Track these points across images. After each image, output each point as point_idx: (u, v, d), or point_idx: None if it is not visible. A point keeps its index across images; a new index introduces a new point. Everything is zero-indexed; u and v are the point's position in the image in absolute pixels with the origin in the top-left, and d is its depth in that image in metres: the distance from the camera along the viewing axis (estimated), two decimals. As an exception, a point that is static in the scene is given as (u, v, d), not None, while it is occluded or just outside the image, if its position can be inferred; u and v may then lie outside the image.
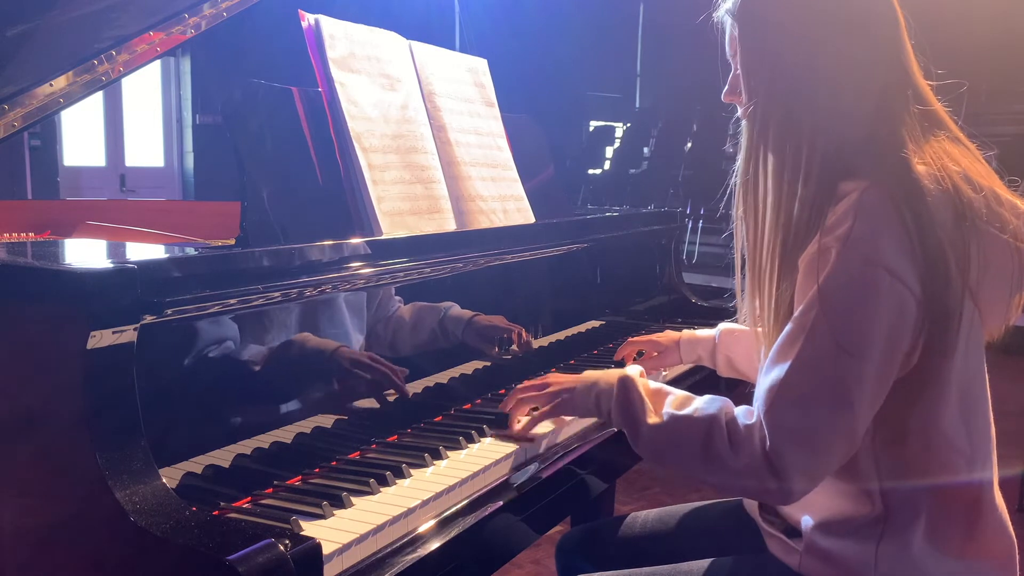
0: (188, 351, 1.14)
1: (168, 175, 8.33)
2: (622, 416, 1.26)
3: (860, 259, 1.09)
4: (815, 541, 1.23)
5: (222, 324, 1.18)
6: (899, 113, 1.19)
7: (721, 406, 1.19)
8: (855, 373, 1.09)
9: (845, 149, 1.18)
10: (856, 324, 1.09)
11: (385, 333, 1.48)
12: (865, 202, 1.11)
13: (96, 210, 2.32)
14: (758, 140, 1.23)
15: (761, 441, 1.11)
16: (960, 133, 1.23)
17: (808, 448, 1.10)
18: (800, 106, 1.19)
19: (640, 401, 1.25)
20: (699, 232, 7.77)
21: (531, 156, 2.14)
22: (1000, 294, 1.20)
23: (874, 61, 1.20)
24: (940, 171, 1.14)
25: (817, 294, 1.10)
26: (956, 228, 1.12)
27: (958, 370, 1.15)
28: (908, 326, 1.10)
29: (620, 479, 2.30)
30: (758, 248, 1.25)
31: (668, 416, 1.22)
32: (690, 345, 1.78)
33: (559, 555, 1.65)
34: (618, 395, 1.28)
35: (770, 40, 1.23)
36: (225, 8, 1.90)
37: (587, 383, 1.35)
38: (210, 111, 7.91)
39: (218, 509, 1.11)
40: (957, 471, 1.18)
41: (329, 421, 1.33)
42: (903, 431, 1.16)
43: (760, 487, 1.13)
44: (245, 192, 1.38)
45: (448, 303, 1.61)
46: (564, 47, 9.98)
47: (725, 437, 1.15)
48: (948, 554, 1.18)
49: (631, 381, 1.28)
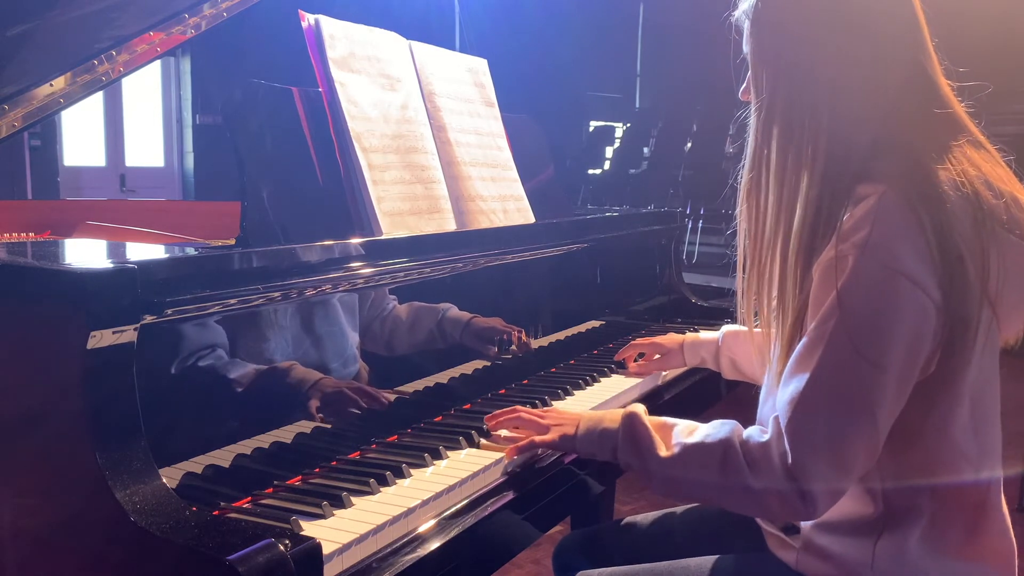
0: (188, 351, 1.14)
1: (168, 175, 8.32)
2: (630, 455, 1.23)
3: (878, 266, 1.07)
4: (813, 539, 1.23)
5: (222, 324, 1.18)
6: (916, 116, 1.18)
7: (732, 428, 1.18)
8: (876, 382, 1.07)
9: (857, 151, 1.16)
10: (876, 332, 1.07)
11: (381, 332, 1.48)
12: (883, 207, 1.09)
13: (96, 210, 2.32)
14: (763, 140, 1.23)
15: (781, 457, 1.10)
16: (981, 136, 1.21)
17: (832, 459, 1.08)
18: (803, 106, 1.18)
19: (648, 435, 1.23)
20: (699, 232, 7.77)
21: (531, 156, 2.14)
22: (1018, 301, 1.17)
23: (884, 63, 1.18)
24: (960, 176, 1.12)
25: (836, 303, 1.09)
26: (975, 234, 1.10)
27: (972, 377, 1.14)
28: (928, 333, 1.09)
29: (620, 479, 2.30)
30: (758, 249, 1.24)
31: (679, 446, 1.19)
32: (694, 348, 1.78)
33: (557, 559, 1.64)
34: (624, 432, 1.25)
35: (773, 39, 1.22)
36: (225, 8, 1.90)
37: (590, 423, 1.31)
38: (210, 111, 7.90)
39: (218, 509, 1.11)
40: (963, 476, 1.17)
41: (329, 421, 1.33)
42: (915, 436, 1.15)
43: (784, 504, 1.11)
44: (245, 192, 1.38)
45: (446, 304, 1.61)
46: (564, 47, 9.97)
47: (741, 458, 1.13)
48: (946, 554, 1.18)
49: (636, 417, 1.26)
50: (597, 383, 1.80)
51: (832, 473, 1.09)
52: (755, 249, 1.25)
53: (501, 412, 1.44)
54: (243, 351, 1.21)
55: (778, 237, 1.20)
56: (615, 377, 1.85)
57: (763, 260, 1.23)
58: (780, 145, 1.20)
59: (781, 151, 1.20)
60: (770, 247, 1.21)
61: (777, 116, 1.21)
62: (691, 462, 1.17)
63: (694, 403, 1.89)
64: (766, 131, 1.22)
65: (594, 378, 1.81)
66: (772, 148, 1.21)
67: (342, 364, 1.39)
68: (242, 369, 1.21)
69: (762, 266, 1.23)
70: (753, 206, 1.25)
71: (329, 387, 1.32)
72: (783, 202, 1.19)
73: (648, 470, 1.22)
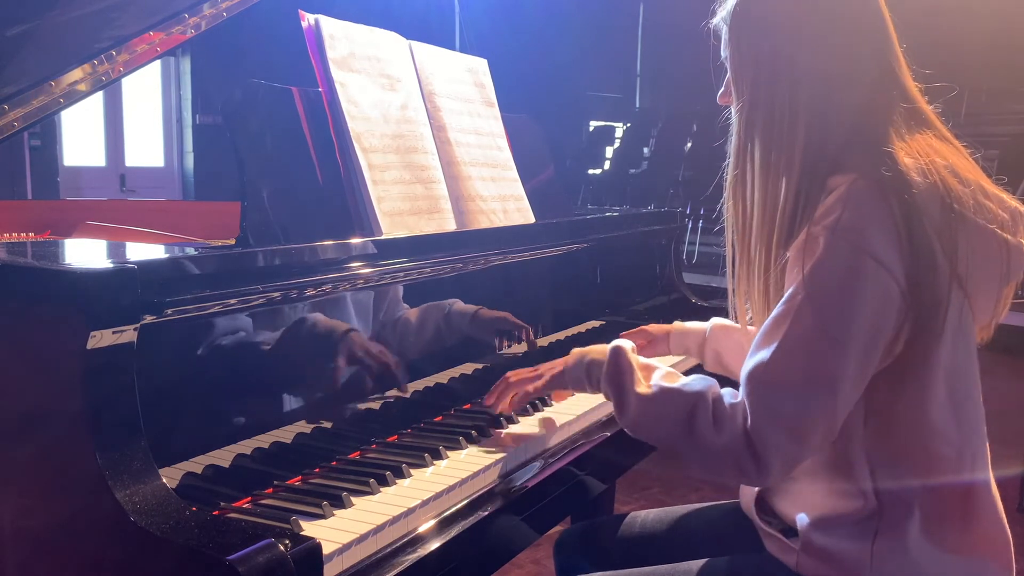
0: (188, 351, 1.14)
1: (168, 175, 8.33)
2: (611, 384, 1.30)
3: (847, 246, 1.12)
4: (812, 540, 1.24)
5: (222, 324, 1.18)
6: (886, 112, 1.23)
7: (709, 384, 1.22)
8: (839, 357, 1.11)
9: (831, 146, 1.22)
10: (841, 309, 1.11)
11: (392, 337, 1.48)
12: (853, 192, 1.14)
13: (96, 210, 2.32)
14: (746, 138, 1.28)
15: (744, 421, 1.14)
16: (947, 133, 1.27)
17: (789, 430, 1.12)
18: (782, 104, 1.23)
19: (630, 370, 1.28)
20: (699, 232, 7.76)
21: (531, 156, 2.14)
22: (989, 285, 1.23)
23: (858, 64, 1.24)
24: (927, 165, 1.17)
25: (803, 279, 1.13)
26: (943, 219, 1.15)
27: (946, 359, 1.17)
28: (891, 313, 1.12)
29: (620, 479, 2.30)
30: (746, 243, 1.28)
31: (656, 388, 1.25)
32: (680, 337, 1.77)
33: (557, 553, 1.66)
34: (609, 364, 1.31)
35: (752, 43, 1.27)
36: (225, 8, 1.90)
37: (578, 354, 1.39)
38: (210, 111, 7.91)
39: (218, 509, 1.11)
40: (948, 464, 1.20)
41: (329, 421, 1.33)
42: (892, 421, 1.18)
43: (738, 467, 1.15)
44: (245, 192, 1.38)
45: (452, 299, 1.61)
46: (564, 47, 9.97)
47: (710, 414, 1.17)
48: (944, 549, 1.19)
49: (622, 351, 1.32)
50: (597, 383, 1.79)
51: (788, 443, 1.12)
52: (743, 244, 1.30)
53: (495, 388, 1.49)
54: (244, 351, 1.21)
55: (763, 230, 1.25)
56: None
57: (751, 254, 1.27)
58: (762, 142, 1.26)
59: (763, 148, 1.25)
60: (758, 241, 1.26)
61: (759, 115, 1.26)
62: (664, 405, 1.23)
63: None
64: (748, 130, 1.27)
65: (594, 378, 1.81)
66: (755, 145, 1.27)
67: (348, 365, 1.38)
68: (243, 368, 1.21)
69: (751, 261, 1.28)
70: (739, 202, 1.30)
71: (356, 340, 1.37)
72: (767, 197, 1.24)
73: (623, 403, 1.27)
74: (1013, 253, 1.22)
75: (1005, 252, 1.21)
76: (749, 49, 1.27)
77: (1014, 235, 1.22)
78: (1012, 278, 1.25)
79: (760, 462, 1.12)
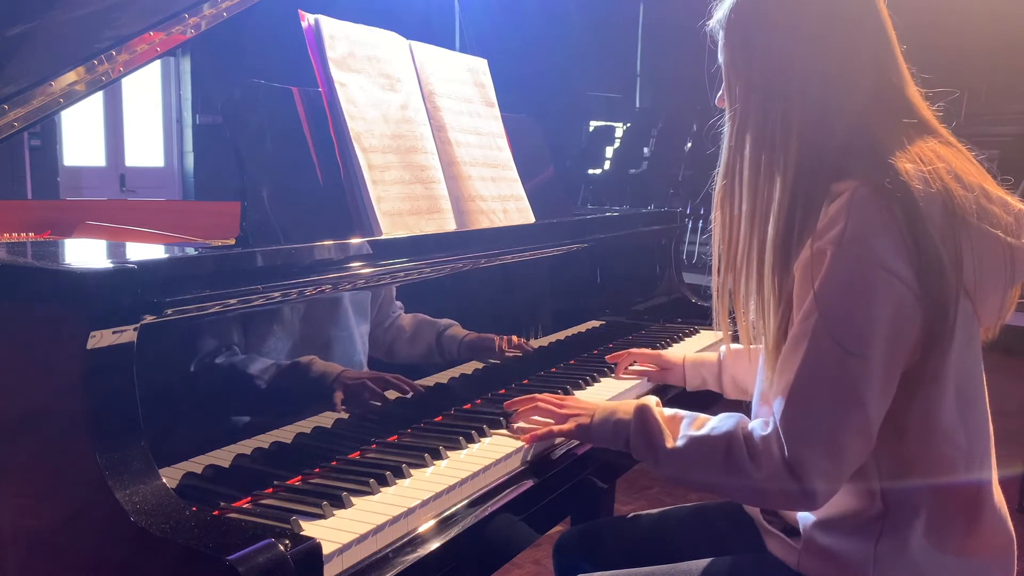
0: (188, 351, 1.14)
1: (168, 175, 8.32)
2: (642, 444, 1.27)
3: (855, 260, 1.10)
4: (814, 539, 1.24)
5: (222, 324, 1.18)
6: (885, 115, 1.21)
7: (737, 421, 1.21)
8: (861, 372, 1.10)
9: (830, 149, 1.19)
10: (856, 324, 1.10)
11: (384, 338, 1.48)
12: (855, 202, 1.12)
13: (96, 210, 2.32)
14: (736, 147, 1.26)
15: (780, 449, 1.12)
16: (951, 137, 1.24)
17: (825, 450, 1.11)
18: (775, 114, 1.21)
19: (658, 428, 1.26)
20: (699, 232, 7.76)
21: (531, 156, 2.14)
22: (994, 289, 1.22)
23: (856, 66, 1.21)
24: (929, 171, 1.15)
25: (815, 298, 1.11)
26: (947, 225, 1.13)
27: (954, 365, 1.16)
28: (909, 320, 1.11)
29: (620, 479, 2.30)
30: (733, 254, 1.27)
31: (687, 439, 1.23)
32: (695, 368, 1.78)
33: (557, 553, 1.66)
34: (636, 424, 1.29)
35: (746, 48, 1.25)
36: (225, 8, 1.90)
37: (605, 413, 1.35)
38: (210, 111, 7.90)
39: (218, 509, 1.11)
40: (955, 467, 1.19)
41: (329, 421, 1.33)
42: (902, 427, 1.17)
43: (784, 495, 1.14)
44: (245, 192, 1.38)
45: (448, 321, 1.61)
46: (564, 47, 9.97)
47: (744, 452, 1.16)
48: (947, 551, 1.18)
49: (647, 409, 1.30)
50: (597, 383, 1.80)
51: (828, 464, 1.11)
52: (729, 256, 1.28)
53: (520, 399, 1.49)
54: (243, 351, 1.21)
55: (752, 246, 1.23)
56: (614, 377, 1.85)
57: (738, 267, 1.26)
58: (753, 154, 1.24)
59: (754, 160, 1.23)
60: (744, 255, 1.25)
61: (750, 125, 1.24)
62: (697, 454, 1.21)
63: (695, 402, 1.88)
64: (739, 140, 1.25)
65: (594, 378, 1.81)
66: (745, 156, 1.24)
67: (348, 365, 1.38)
68: (243, 368, 1.21)
69: (737, 272, 1.27)
70: (727, 213, 1.28)
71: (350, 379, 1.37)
72: (756, 210, 1.22)
73: (658, 461, 1.25)
74: (1017, 256, 1.20)
75: (1009, 255, 1.20)
76: (744, 50, 1.26)
77: (1018, 238, 1.20)
78: (1017, 280, 1.23)
79: (804, 487, 1.11)
